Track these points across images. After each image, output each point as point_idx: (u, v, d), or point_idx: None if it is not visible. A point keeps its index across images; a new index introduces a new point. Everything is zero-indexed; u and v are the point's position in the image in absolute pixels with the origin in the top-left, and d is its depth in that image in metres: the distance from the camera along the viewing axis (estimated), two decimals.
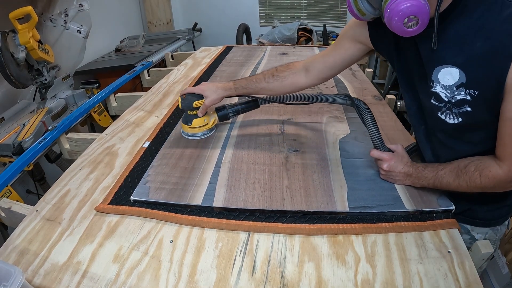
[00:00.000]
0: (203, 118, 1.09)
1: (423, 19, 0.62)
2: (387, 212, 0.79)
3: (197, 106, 1.06)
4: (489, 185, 0.71)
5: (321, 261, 0.68)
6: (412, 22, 0.63)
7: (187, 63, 2.06)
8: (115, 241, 0.74)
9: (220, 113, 1.13)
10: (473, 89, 0.65)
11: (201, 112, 1.07)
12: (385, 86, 3.21)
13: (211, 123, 1.12)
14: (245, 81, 1.05)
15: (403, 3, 0.62)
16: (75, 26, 1.92)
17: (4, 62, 1.42)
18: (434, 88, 0.72)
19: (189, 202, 0.83)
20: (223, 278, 0.65)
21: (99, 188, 0.92)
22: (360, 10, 0.75)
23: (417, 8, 0.61)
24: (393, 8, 0.63)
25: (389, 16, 0.64)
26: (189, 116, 1.09)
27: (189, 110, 1.07)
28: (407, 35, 0.66)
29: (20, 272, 0.57)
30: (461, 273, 0.65)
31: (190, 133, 1.11)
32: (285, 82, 1.01)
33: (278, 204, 0.81)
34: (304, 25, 3.70)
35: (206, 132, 1.12)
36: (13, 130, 1.54)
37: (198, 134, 1.11)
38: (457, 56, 0.66)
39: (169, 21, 4.11)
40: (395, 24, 0.64)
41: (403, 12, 0.62)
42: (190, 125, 1.09)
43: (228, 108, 1.13)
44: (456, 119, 0.71)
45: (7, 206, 0.97)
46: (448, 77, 0.68)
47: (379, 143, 0.86)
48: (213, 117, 1.13)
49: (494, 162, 0.69)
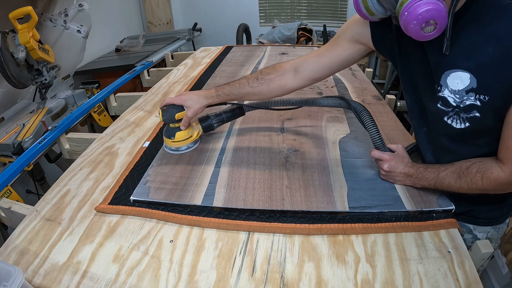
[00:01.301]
0: (186, 131, 1.01)
1: (441, 24, 0.60)
2: (387, 212, 0.79)
3: (180, 118, 0.98)
4: (490, 187, 0.71)
5: (321, 261, 0.68)
6: (429, 26, 0.60)
7: (187, 63, 2.06)
8: (115, 241, 0.74)
9: (204, 123, 1.06)
10: (483, 94, 0.64)
11: (184, 124, 0.99)
12: (385, 86, 3.21)
13: (195, 135, 1.04)
14: (228, 87, 0.98)
15: (422, 6, 0.58)
16: (75, 26, 1.92)
17: (4, 62, 1.42)
18: (442, 93, 0.70)
19: (189, 202, 0.83)
20: (223, 278, 0.65)
21: (99, 188, 0.92)
22: (368, 10, 0.71)
23: (436, 12, 0.58)
24: (411, 11, 0.59)
25: (406, 19, 0.60)
26: (171, 129, 1.01)
27: (171, 122, 1.00)
28: (423, 39, 0.63)
29: (20, 272, 0.57)
30: (461, 273, 0.65)
31: (174, 147, 1.03)
32: (271, 85, 0.95)
33: (278, 204, 0.81)
34: (304, 25, 3.70)
35: (191, 145, 1.05)
36: (13, 130, 1.54)
37: (182, 148, 1.03)
38: (468, 61, 0.65)
39: (169, 21, 4.11)
40: (412, 28, 0.61)
41: (422, 16, 0.58)
42: (173, 139, 1.01)
43: (212, 117, 1.06)
44: (463, 124, 0.70)
45: (7, 206, 0.97)
46: (457, 81, 0.67)
47: (379, 144, 0.86)
48: (197, 128, 1.06)
49: (496, 165, 0.69)
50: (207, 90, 1.00)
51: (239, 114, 1.11)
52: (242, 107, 1.10)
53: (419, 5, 0.58)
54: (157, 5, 3.97)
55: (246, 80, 0.97)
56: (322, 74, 0.93)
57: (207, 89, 1.01)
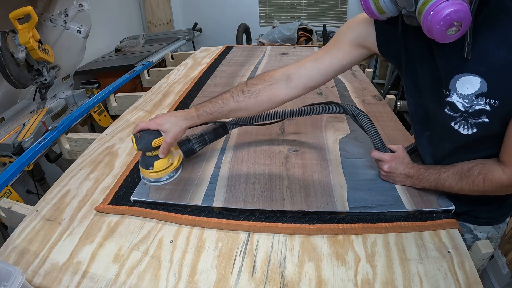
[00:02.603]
0: (166, 158, 0.88)
1: (466, 26, 0.56)
2: (387, 212, 0.79)
3: (157, 145, 0.84)
4: (492, 189, 0.70)
5: (321, 261, 0.68)
6: (453, 28, 0.56)
7: (187, 63, 2.06)
8: (115, 241, 0.74)
9: (184, 148, 0.93)
10: (493, 99, 0.63)
11: (162, 152, 0.86)
12: (385, 86, 3.21)
13: (176, 161, 0.91)
14: (210, 105, 0.85)
15: (449, 7, 0.54)
16: (75, 26, 1.92)
17: (4, 62, 1.42)
18: (450, 98, 0.68)
19: (189, 202, 0.83)
20: (223, 278, 0.65)
21: (99, 188, 0.92)
22: (379, 7, 0.66)
23: (464, 13, 0.55)
24: (438, 12, 0.55)
25: (431, 20, 0.56)
26: (148, 159, 0.87)
27: (148, 151, 0.86)
28: (445, 41, 0.59)
29: (20, 272, 0.57)
30: (461, 273, 0.65)
31: (153, 178, 0.89)
32: (260, 97, 0.84)
33: (278, 204, 0.81)
34: (304, 25, 3.70)
35: (172, 174, 0.91)
36: (13, 130, 1.55)
37: (163, 179, 0.90)
38: (479, 65, 0.63)
39: (169, 21, 4.12)
40: (438, 29, 0.56)
41: (450, 17, 0.55)
42: (152, 169, 0.87)
43: (193, 140, 0.95)
44: (471, 129, 0.68)
45: (7, 206, 0.97)
46: (467, 85, 0.65)
47: (379, 145, 0.86)
48: (177, 153, 0.93)
49: (498, 167, 0.69)
50: (185, 110, 0.87)
51: (223, 134, 1.00)
52: (225, 125, 0.99)
53: (446, 5, 0.55)
54: (157, 5, 3.97)
55: (230, 94, 0.85)
56: (319, 80, 0.86)
57: (185, 109, 0.88)
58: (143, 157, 0.89)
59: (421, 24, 0.59)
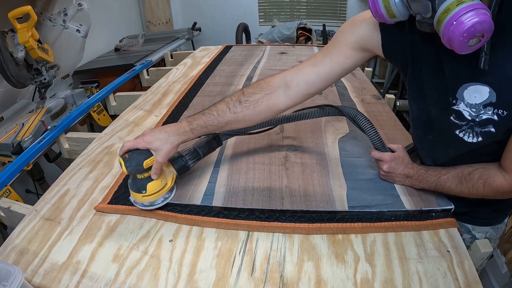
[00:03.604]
0: (159, 179, 0.79)
1: (487, 37, 0.54)
2: (387, 211, 0.79)
3: (149, 165, 0.75)
4: (491, 194, 0.70)
5: (320, 260, 0.68)
6: (474, 39, 0.53)
7: (187, 62, 2.06)
8: (115, 241, 0.74)
9: (177, 166, 0.85)
10: (502, 109, 0.62)
11: (155, 173, 0.77)
12: (385, 86, 3.21)
13: (170, 181, 0.82)
14: (204, 118, 0.78)
15: (473, 17, 0.51)
16: (74, 25, 1.92)
17: (3, 62, 1.41)
18: (457, 106, 0.67)
19: (189, 202, 0.83)
20: (223, 278, 0.65)
21: (98, 187, 0.92)
22: (389, 11, 0.63)
23: (489, 25, 0.52)
24: (461, 22, 0.52)
25: (453, 30, 0.53)
26: (140, 182, 0.77)
27: (139, 173, 0.77)
28: (463, 52, 0.56)
29: (19, 271, 0.57)
30: (461, 273, 0.65)
31: (147, 202, 0.80)
32: (258, 107, 0.78)
33: (277, 204, 0.81)
34: (304, 25, 3.69)
35: (167, 195, 0.82)
36: (12, 130, 1.54)
37: (157, 202, 0.81)
38: (488, 75, 0.61)
39: (169, 21, 4.11)
40: (460, 40, 0.53)
41: (475, 29, 0.52)
42: (145, 193, 0.78)
43: (186, 156, 0.87)
44: (476, 138, 0.67)
45: (6, 205, 0.97)
46: (475, 95, 0.64)
47: (379, 145, 0.85)
48: (170, 172, 0.84)
49: (499, 173, 0.68)
50: (176, 124, 0.79)
51: (217, 146, 0.94)
52: (218, 137, 0.94)
53: (471, 16, 0.51)
54: (157, 5, 3.96)
55: (226, 105, 0.78)
56: (319, 86, 0.81)
57: (176, 123, 0.79)
58: (133, 180, 0.79)
59: (439, 33, 0.57)
